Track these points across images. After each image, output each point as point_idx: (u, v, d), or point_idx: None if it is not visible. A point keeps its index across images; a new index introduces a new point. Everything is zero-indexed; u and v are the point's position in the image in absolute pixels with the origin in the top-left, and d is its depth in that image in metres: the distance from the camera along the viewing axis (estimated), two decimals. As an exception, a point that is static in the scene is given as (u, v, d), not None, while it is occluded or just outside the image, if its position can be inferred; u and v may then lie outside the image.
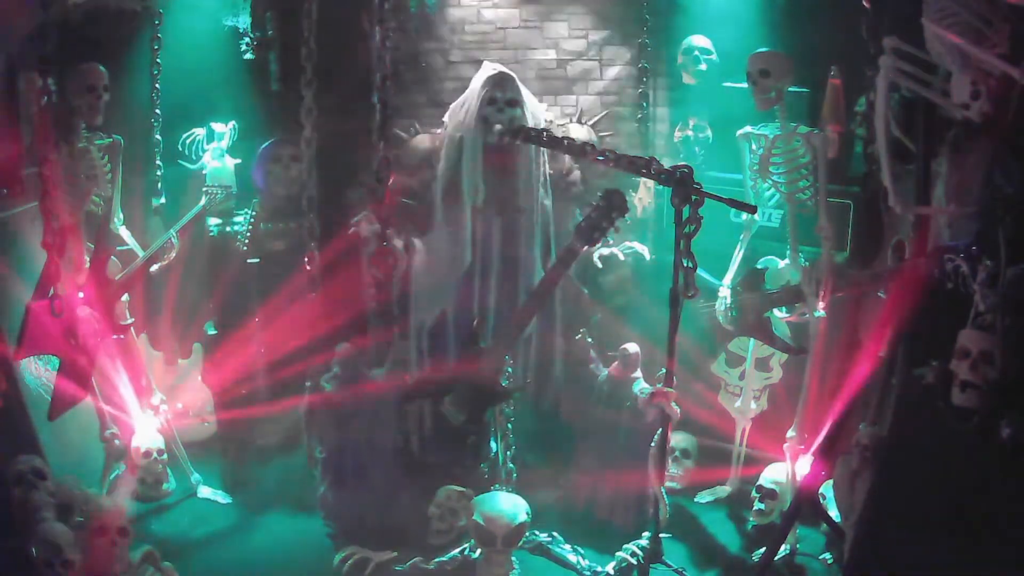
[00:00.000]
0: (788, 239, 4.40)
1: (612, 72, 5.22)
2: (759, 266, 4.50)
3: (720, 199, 3.68)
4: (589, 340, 4.71)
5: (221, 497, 4.68)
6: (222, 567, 4.08)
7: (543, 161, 4.69)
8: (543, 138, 4.25)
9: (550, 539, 4.21)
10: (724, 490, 4.70)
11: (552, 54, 5.23)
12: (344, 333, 4.81)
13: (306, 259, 4.57)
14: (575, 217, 4.80)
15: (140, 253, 4.78)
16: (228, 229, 5.05)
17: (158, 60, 5.00)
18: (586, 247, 4.10)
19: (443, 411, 4.05)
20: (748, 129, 4.47)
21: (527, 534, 4.01)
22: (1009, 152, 3.31)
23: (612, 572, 4.02)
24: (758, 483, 4.37)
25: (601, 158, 4.01)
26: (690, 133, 5.01)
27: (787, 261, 4.43)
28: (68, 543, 3.57)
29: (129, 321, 4.67)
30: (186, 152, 5.17)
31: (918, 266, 3.70)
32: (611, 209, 4.01)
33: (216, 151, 5.12)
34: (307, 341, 4.76)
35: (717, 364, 4.72)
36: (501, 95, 4.49)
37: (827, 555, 4.14)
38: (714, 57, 4.92)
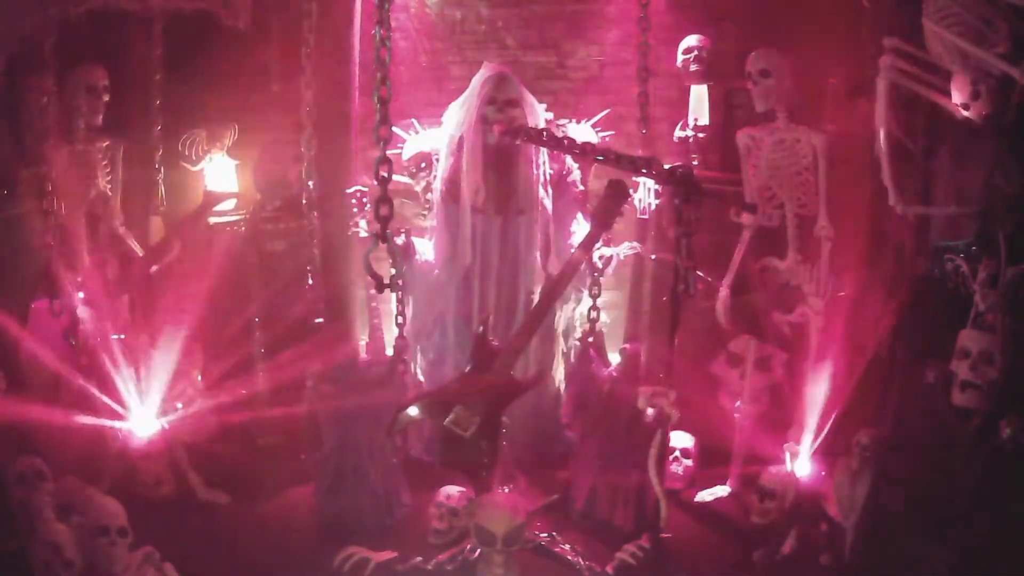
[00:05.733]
0: (788, 239, 4.40)
1: (611, 72, 5.22)
2: (758, 266, 4.50)
3: (720, 199, 3.68)
4: (590, 340, 4.70)
5: (221, 497, 4.68)
6: (222, 567, 4.08)
7: (543, 161, 4.69)
8: (543, 138, 4.25)
9: (550, 539, 4.20)
10: (724, 490, 4.69)
11: (552, 54, 5.23)
12: (343, 333, 4.82)
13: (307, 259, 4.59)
14: (576, 217, 4.80)
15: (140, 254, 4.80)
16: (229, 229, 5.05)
17: (158, 61, 5.00)
18: (604, 231, 4.17)
19: (448, 426, 4.00)
20: (748, 130, 4.47)
21: (526, 534, 4.00)
22: (1009, 152, 3.31)
23: (612, 572, 4.02)
24: (758, 483, 4.37)
25: (601, 158, 4.02)
26: (690, 133, 5.01)
27: (787, 261, 4.42)
28: (68, 543, 3.57)
29: None
30: (186, 153, 5.17)
31: (917, 266, 3.71)
32: (618, 196, 4.04)
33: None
34: (307, 341, 4.76)
35: (717, 364, 4.72)
36: (501, 95, 4.49)
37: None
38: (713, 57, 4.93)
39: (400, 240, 4.49)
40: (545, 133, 4.27)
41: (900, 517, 3.37)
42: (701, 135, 4.98)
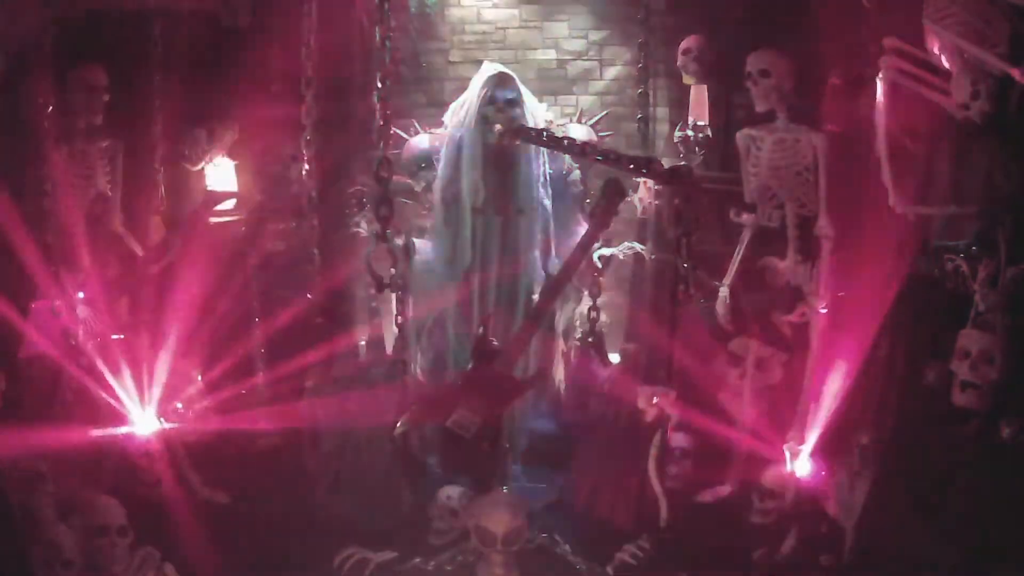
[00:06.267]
0: (788, 239, 4.40)
1: (612, 72, 5.23)
2: (758, 266, 4.50)
3: (721, 198, 3.68)
4: (590, 340, 4.70)
5: (221, 497, 4.67)
6: (222, 567, 4.08)
7: (543, 161, 4.69)
8: (543, 138, 4.26)
9: (550, 539, 4.20)
10: (724, 490, 4.69)
11: (552, 54, 5.24)
12: (344, 333, 4.81)
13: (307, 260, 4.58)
14: (576, 217, 4.80)
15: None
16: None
17: (158, 61, 5.00)
18: (602, 231, 4.19)
19: (450, 429, 3.99)
20: (748, 130, 4.47)
21: (527, 534, 4.01)
22: (1009, 152, 3.32)
23: (612, 572, 4.02)
24: (758, 483, 4.37)
25: (601, 158, 4.02)
26: (690, 133, 5.01)
27: (787, 261, 4.42)
28: (68, 543, 3.57)
29: None
30: (186, 153, 5.17)
31: (917, 266, 3.71)
32: (615, 195, 4.06)
33: None
34: (307, 341, 4.76)
35: (717, 364, 4.71)
36: (501, 95, 4.50)
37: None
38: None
39: (400, 240, 4.49)
40: (545, 133, 4.28)
41: (900, 517, 3.37)
42: (701, 135, 4.98)
